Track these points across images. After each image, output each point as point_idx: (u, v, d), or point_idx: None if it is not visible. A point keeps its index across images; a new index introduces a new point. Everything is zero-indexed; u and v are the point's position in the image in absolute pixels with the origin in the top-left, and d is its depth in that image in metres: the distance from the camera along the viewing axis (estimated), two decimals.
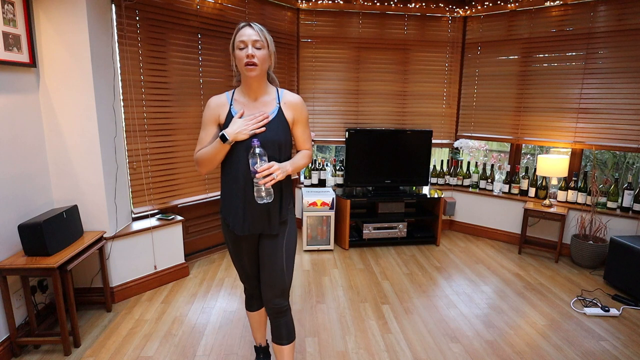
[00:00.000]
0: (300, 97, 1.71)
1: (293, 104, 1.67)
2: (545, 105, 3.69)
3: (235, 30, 1.58)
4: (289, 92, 1.69)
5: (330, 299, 2.78)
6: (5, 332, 2.09)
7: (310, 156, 1.76)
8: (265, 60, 1.58)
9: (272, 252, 1.67)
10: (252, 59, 1.53)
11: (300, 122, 1.69)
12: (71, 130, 2.40)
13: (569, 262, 3.51)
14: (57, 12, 2.27)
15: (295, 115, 1.67)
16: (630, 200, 3.28)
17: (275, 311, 1.70)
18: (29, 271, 2.02)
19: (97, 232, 2.48)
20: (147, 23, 2.77)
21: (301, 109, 1.68)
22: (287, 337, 1.72)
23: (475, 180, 4.14)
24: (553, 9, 3.55)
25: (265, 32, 1.58)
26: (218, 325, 2.43)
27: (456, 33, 4.09)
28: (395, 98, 4.16)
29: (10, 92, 2.12)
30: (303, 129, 1.72)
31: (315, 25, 3.92)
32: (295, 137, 1.73)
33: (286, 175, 1.58)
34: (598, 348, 2.26)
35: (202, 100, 3.19)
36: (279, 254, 1.68)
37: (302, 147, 1.75)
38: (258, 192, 1.51)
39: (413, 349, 2.23)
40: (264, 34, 1.56)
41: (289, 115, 1.66)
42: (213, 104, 1.64)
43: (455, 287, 3.00)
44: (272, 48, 1.61)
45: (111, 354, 2.14)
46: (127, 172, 2.78)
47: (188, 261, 3.26)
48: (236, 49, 1.56)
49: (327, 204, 3.57)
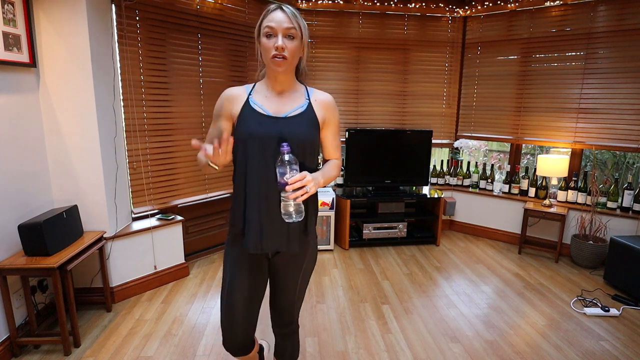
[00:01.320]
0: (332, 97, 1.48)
1: (325, 103, 1.42)
2: (545, 105, 3.69)
3: (264, 12, 1.32)
4: (319, 91, 1.46)
5: (330, 299, 2.78)
6: (5, 332, 2.09)
7: (340, 167, 1.53)
8: (296, 53, 1.32)
9: (288, 274, 1.46)
10: (281, 52, 1.26)
11: (332, 125, 1.46)
12: (71, 130, 2.40)
13: (569, 262, 3.51)
14: (57, 12, 2.27)
15: (327, 116, 1.43)
16: (630, 200, 3.28)
17: (282, 336, 1.59)
18: (29, 271, 2.02)
19: (97, 232, 2.48)
20: (147, 23, 2.77)
21: (334, 109, 1.45)
22: (290, 356, 1.64)
23: (475, 180, 4.14)
24: (553, 9, 3.55)
25: (299, 17, 1.31)
26: (218, 325, 2.43)
27: (456, 33, 4.09)
28: (395, 98, 4.16)
29: (10, 92, 2.12)
30: (334, 134, 1.48)
31: (315, 25, 3.92)
32: (324, 142, 1.48)
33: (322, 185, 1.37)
34: (598, 348, 2.26)
35: (202, 100, 3.19)
36: (295, 278, 1.46)
37: (331, 155, 1.51)
38: (286, 207, 1.24)
39: (413, 349, 2.23)
40: (297, 20, 1.29)
41: (320, 114, 1.41)
42: (225, 96, 1.40)
43: (455, 287, 3.00)
44: (307, 37, 1.35)
45: (111, 354, 2.14)
46: (127, 172, 2.78)
47: (188, 261, 3.26)
48: (262, 36, 1.29)
49: (327, 204, 3.57)
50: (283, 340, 1.62)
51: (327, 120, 1.44)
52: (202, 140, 1.47)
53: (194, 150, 3.20)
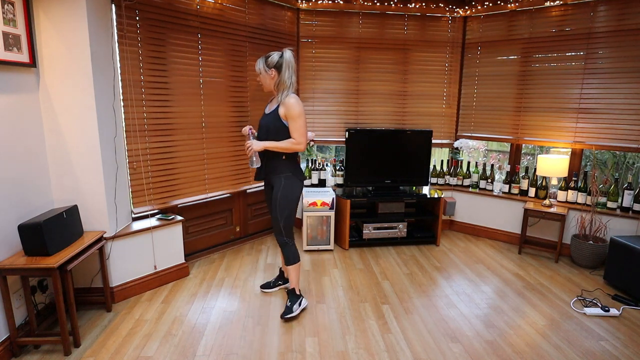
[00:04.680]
0: (294, 99, 2.36)
1: (285, 104, 2.37)
2: (545, 105, 3.69)
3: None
4: (290, 95, 2.37)
5: (330, 299, 2.78)
6: (5, 332, 2.09)
7: (294, 143, 2.38)
8: (265, 81, 2.45)
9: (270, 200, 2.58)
10: (259, 83, 2.51)
11: (289, 117, 2.36)
12: (71, 130, 2.40)
13: (569, 262, 3.51)
14: (57, 12, 2.27)
15: (285, 112, 2.37)
16: (630, 200, 3.28)
17: (278, 244, 2.57)
18: (29, 271, 2.02)
19: (97, 232, 2.48)
20: (147, 23, 2.77)
21: (288, 107, 2.35)
22: (286, 261, 2.58)
23: (475, 180, 4.14)
24: (553, 9, 3.55)
25: (260, 63, 2.41)
26: (218, 325, 2.43)
27: (456, 33, 4.09)
28: (395, 98, 4.16)
29: (10, 92, 2.12)
30: (292, 122, 2.37)
31: (315, 25, 3.92)
32: (289, 128, 2.39)
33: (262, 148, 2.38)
34: (598, 348, 2.26)
35: (202, 100, 3.19)
36: (273, 201, 2.48)
37: (292, 135, 2.40)
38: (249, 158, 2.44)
39: (413, 349, 2.23)
40: (258, 65, 2.43)
41: (282, 112, 2.39)
42: None
43: (455, 287, 3.00)
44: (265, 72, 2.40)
45: (111, 354, 2.14)
46: (127, 172, 2.78)
47: (188, 261, 3.26)
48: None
49: (327, 204, 3.57)
50: (281, 248, 2.58)
51: (286, 115, 2.37)
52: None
53: (194, 150, 3.20)
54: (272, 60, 2.38)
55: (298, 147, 2.39)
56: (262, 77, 2.44)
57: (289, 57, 2.39)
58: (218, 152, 3.38)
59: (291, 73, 2.40)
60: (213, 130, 3.31)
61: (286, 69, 2.38)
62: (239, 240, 3.81)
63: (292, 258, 2.56)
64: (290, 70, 2.39)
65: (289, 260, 2.57)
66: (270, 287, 2.88)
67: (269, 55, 2.40)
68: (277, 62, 2.38)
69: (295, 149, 2.41)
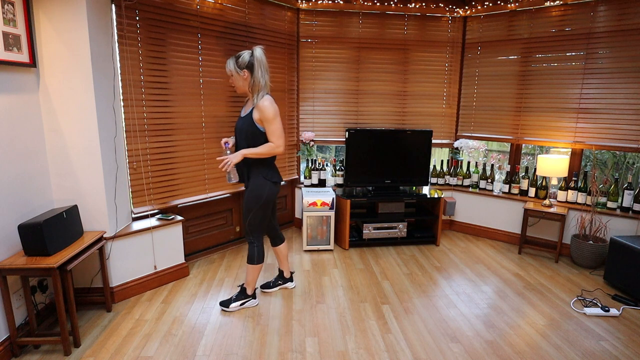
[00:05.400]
0: (267, 101, 2.30)
1: (258, 107, 2.31)
2: (545, 105, 3.69)
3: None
4: (264, 98, 2.31)
5: (330, 299, 2.78)
6: (5, 332, 2.09)
7: (273, 147, 2.33)
8: (237, 83, 2.37)
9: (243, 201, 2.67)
10: (231, 84, 2.44)
11: (264, 120, 2.31)
12: (71, 130, 2.41)
13: (569, 262, 3.51)
14: (57, 12, 2.27)
15: (260, 116, 2.31)
16: (630, 200, 3.28)
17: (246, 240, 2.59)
18: (29, 271, 2.02)
19: (97, 232, 2.48)
20: (147, 23, 2.77)
21: (262, 110, 2.29)
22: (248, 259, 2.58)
23: (475, 180, 4.14)
24: (553, 9, 3.55)
25: (230, 64, 2.34)
26: (218, 325, 2.43)
27: (456, 33, 4.09)
28: (395, 98, 4.16)
29: (10, 92, 2.12)
30: (268, 126, 2.32)
31: (315, 25, 3.92)
32: (266, 131, 2.34)
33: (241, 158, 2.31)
34: (598, 348, 2.26)
35: (202, 100, 3.19)
36: (243, 202, 2.51)
37: (270, 139, 2.34)
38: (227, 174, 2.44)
39: (413, 349, 2.23)
40: (228, 66, 2.35)
41: (256, 115, 2.33)
42: None
43: (455, 287, 3.00)
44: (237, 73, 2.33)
45: (111, 354, 2.14)
46: (127, 172, 2.78)
47: (188, 261, 3.26)
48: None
49: (327, 204, 3.57)
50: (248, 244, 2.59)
51: (261, 118, 2.30)
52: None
53: (194, 150, 3.20)
54: (243, 60, 2.30)
55: (277, 150, 2.34)
56: (234, 79, 2.36)
57: (260, 55, 2.31)
58: (218, 152, 3.37)
59: (264, 72, 2.32)
60: (213, 130, 3.31)
61: (259, 68, 2.29)
62: (239, 240, 3.81)
63: (252, 258, 2.55)
64: (262, 69, 2.31)
65: (250, 259, 2.55)
66: (270, 287, 2.88)
67: (239, 55, 2.32)
68: (249, 61, 2.29)
69: (275, 152, 2.35)
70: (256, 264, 2.56)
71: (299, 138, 4.12)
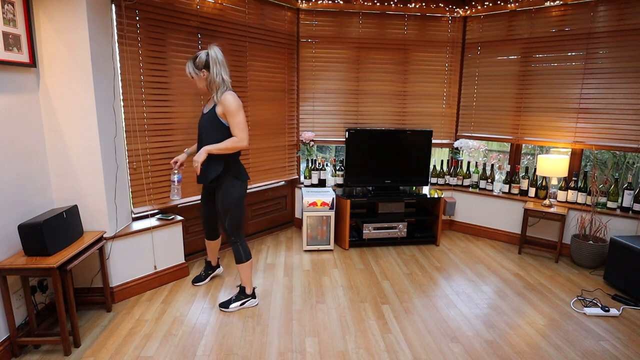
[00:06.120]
0: (230, 95, 2.31)
1: (221, 101, 2.33)
2: (545, 105, 3.69)
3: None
4: (227, 92, 2.32)
5: (330, 299, 2.78)
6: (5, 332, 2.09)
7: (236, 141, 2.33)
8: (199, 84, 2.41)
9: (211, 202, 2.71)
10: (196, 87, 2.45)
11: (228, 114, 2.32)
12: (71, 130, 2.41)
13: (569, 262, 3.51)
14: (57, 12, 2.27)
15: (223, 110, 2.33)
16: (630, 200, 3.28)
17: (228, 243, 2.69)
18: (29, 271, 2.02)
19: (97, 232, 2.48)
20: (147, 23, 2.77)
21: (225, 104, 2.31)
22: (235, 260, 2.58)
23: (475, 180, 4.14)
24: (553, 9, 3.55)
25: (189, 66, 2.36)
26: (218, 325, 2.43)
27: (456, 33, 4.09)
28: (395, 98, 4.16)
29: (10, 92, 2.12)
30: (231, 119, 2.33)
31: (315, 25, 3.92)
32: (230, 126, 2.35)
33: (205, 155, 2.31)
34: (598, 348, 2.26)
35: (202, 101, 3.19)
36: (217, 205, 2.51)
37: (232, 133, 2.35)
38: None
39: (413, 349, 2.23)
40: (188, 69, 2.38)
41: (219, 110, 2.36)
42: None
43: (455, 287, 3.00)
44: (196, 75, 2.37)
45: (111, 354, 2.14)
46: (127, 172, 2.78)
47: (188, 261, 3.26)
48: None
49: (327, 204, 3.57)
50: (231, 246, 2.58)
51: (224, 112, 2.33)
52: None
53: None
54: (200, 60, 2.33)
55: (241, 144, 2.34)
56: (195, 81, 2.40)
57: (215, 54, 2.33)
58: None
59: (220, 69, 2.33)
60: None
61: (214, 66, 2.32)
62: None
63: (240, 256, 2.56)
64: (219, 67, 2.32)
65: (237, 259, 2.57)
66: (202, 279, 2.96)
67: (197, 57, 2.35)
68: (205, 61, 2.33)
69: (239, 147, 2.34)
70: (245, 262, 2.57)
71: (299, 138, 4.12)
